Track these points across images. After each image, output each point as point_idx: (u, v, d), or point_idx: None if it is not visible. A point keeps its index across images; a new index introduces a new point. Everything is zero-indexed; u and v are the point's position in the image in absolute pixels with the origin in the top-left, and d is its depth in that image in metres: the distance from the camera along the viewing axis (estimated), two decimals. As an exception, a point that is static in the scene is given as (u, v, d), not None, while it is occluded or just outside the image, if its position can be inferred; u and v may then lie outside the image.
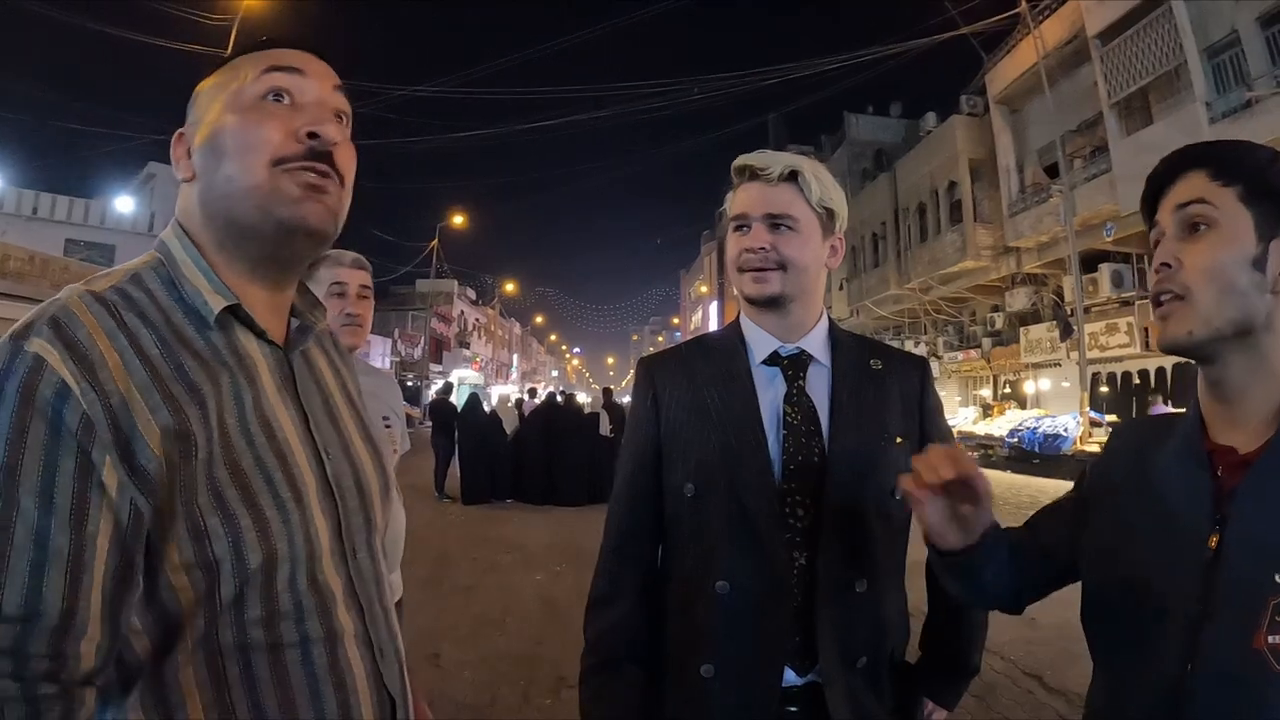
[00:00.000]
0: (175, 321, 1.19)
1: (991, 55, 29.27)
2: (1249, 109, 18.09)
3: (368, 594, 1.32)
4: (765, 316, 1.95)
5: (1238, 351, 1.32)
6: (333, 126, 1.28)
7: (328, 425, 1.36)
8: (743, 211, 1.92)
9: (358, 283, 2.93)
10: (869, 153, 43.42)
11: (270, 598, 1.16)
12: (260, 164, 1.23)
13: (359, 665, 1.26)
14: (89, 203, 38.87)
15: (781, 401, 1.89)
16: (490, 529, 13.73)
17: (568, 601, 8.42)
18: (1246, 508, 1.26)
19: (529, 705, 5.67)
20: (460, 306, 69.86)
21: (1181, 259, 1.34)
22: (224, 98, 1.27)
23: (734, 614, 1.80)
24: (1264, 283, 1.30)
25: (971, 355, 33.49)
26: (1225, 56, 19.46)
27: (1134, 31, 21.23)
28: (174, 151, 1.31)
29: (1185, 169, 1.41)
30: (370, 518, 1.39)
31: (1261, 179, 1.33)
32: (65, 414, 1.02)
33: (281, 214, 1.24)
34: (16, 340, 1.04)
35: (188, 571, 1.10)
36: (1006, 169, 29.10)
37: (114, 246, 37.22)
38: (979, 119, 31.28)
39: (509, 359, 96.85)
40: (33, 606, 0.97)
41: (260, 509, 1.15)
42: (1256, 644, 1.18)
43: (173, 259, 1.26)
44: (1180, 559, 1.31)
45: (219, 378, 1.18)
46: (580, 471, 16.95)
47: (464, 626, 7.53)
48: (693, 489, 1.87)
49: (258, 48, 1.33)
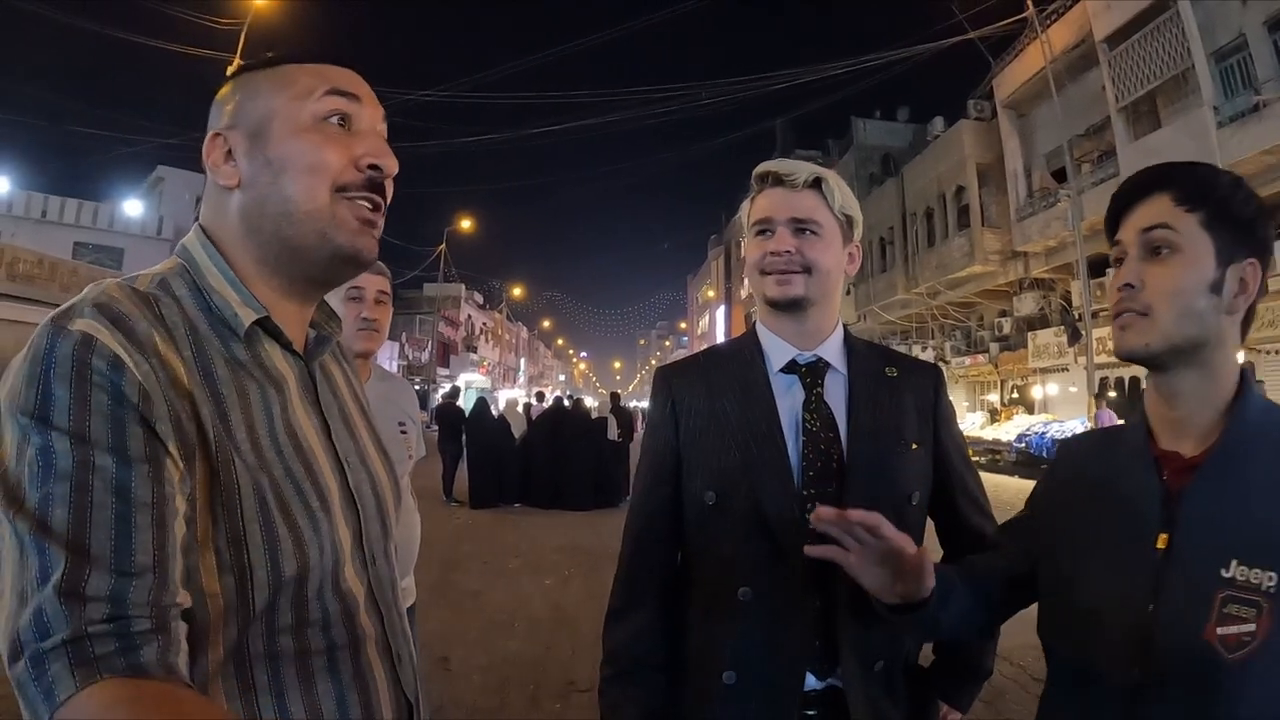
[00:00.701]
0: (202, 330, 1.18)
1: (999, 60, 29.24)
2: (1257, 113, 18.04)
3: (386, 600, 1.34)
4: (785, 321, 1.97)
5: (1189, 365, 1.42)
6: (391, 160, 1.31)
7: (345, 435, 1.37)
8: (767, 216, 1.95)
9: (375, 288, 2.94)
10: (876, 157, 43.41)
11: (301, 605, 1.16)
12: (323, 188, 1.23)
13: (380, 670, 1.28)
14: (97, 206, 39.13)
15: (801, 409, 1.91)
16: (498, 533, 13.75)
17: (576, 606, 8.44)
18: (1193, 509, 1.36)
19: (538, 709, 5.68)
20: (467, 310, 69.94)
21: (1145, 280, 1.43)
22: (281, 109, 1.25)
23: (757, 621, 1.81)
24: (1220, 304, 1.40)
25: (979, 360, 33.44)
26: (1233, 60, 19.42)
27: (1141, 35, 21.20)
28: (212, 154, 1.26)
29: (1150, 191, 1.48)
30: (386, 525, 1.41)
31: (1224, 207, 1.41)
32: (123, 386, 1.00)
33: (340, 242, 1.26)
34: (58, 323, 1.02)
35: (220, 577, 1.08)
36: (1014, 173, 29.06)
37: (122, 250, 37.47)
38: (986, 123, 31.26)
39: (516, 363, 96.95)
40: (123, 553, 0.95)
41: (294, 518, 1.15)
42: (1207, 636, 1.28)
43: (198, 267, 1.25)
44: (1132, 560, 1.41)
45: (248, 388, 1.18)
46: (587, 476, 16.94)
47: (473, 630, 7.53)
48: (714, 496, 1.88)
49: (307, 58, 1.32)
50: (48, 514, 0.93)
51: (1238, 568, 1.29)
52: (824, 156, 49.99)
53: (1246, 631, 1.26)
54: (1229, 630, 1.27)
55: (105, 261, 33.42)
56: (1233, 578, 1.29)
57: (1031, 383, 30.27)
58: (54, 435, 0.96)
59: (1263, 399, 1.44)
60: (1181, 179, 1.46)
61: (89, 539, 0.94)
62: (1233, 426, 1.40)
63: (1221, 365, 1.43)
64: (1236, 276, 1.41)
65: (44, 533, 0.93)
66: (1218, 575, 1.30)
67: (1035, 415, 27.88)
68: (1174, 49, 20.25)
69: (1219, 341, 1.42)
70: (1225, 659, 1.26)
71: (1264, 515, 1.31)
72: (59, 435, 0.96)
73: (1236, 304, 1.42)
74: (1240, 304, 1.42)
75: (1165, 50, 20.53)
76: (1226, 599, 1.28)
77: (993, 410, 31.75)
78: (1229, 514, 1.33)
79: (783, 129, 54.58)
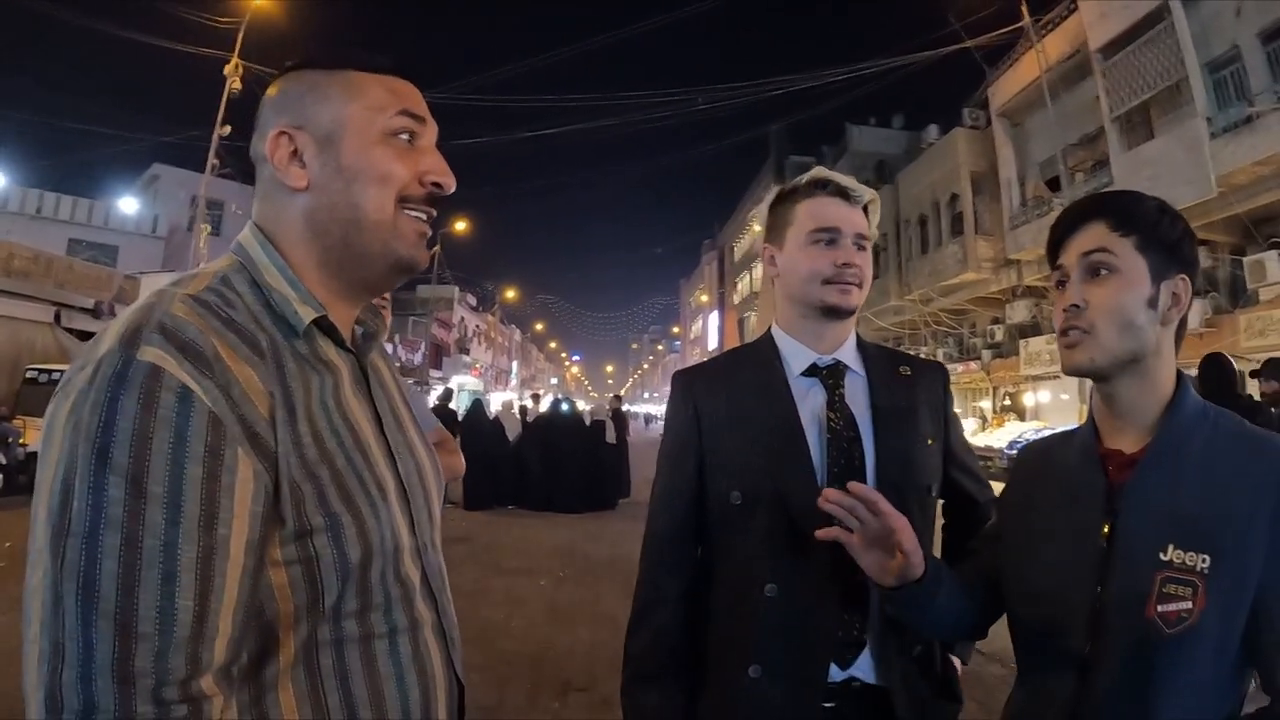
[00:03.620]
0: (265, 326, 1.20)
1: (994, 69, 29.35)
2: (1250, 124, 18.09)
3: (439, 586, 1.39)
4: (817, 326, 2.06)
5: (1130, 373, 1.57)
6: (451, 179, 1.37)
7: (395, 427, 1.41)
8: (835, 226, 2.02)
9: None
10: (871, 164, 43.28)
11: (365, 591, 1.21)
12: (390, 199, 1.29)
13: (437, 653, 1.33)
14: (93, 203, 38.84)
15: (824, 409, 1.99)
16: (493, 534, 13.75)
17: (572, 606, 8.46)
18: (1132, 499, 1.52)
19: (536, 708, 5.72)
20: (461, 312, 69.63)
21: (1089, 300, 1.58)
22: (354, 118, 1.29)
23: (783, 615, 1.87)
24: (1156, 317, 1.56)
25: (971, 367, 33.41)
26: (1227, 72, 19.49)
27: (1136, 46, 21.27)
28: (277, 152, 1.28)
29: (1088, 219, 1.63)
30: (433, 515, 1.46)
31: (1154, 230, 1.58)
32: (191, 418, 1.02)
33: (401, 253, 1.32)
34: (127, 349, 1.03)
35: (288, 567, 1.12)
36: (1008, 182, 29.13)
37: (117, 247, 37.24)
38: (981, 132, 31.32)
39: (508, 366, 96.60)
40: (167, 620, 0.97)
41: (357, 506, 1.19)
42: (1148, 614, 1.42)
43: (255, 265, 1.27)
44: (1081, 547, 1.56)
45: (310, 381, 1.22)
46: (582, 479, 16.94)
47: (469, 630, 7.37)
48: (739, 496, 1.94)
49: (373, 66, 1.35)
50: (96, 572, 0.95)
51: (1174, 551, 1.43)
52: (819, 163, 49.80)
53: (1184, 609, 1.40)
54: (1168, 608, 1.41)
55: (100, 258, 33.13)
56: (1170, 560, 1.43)
57: (1023, 390, 30.27)
58: (111, 477, 0.97)
59: (1198, 400, 1.59)
60: (1115, 207, 1.62)
61: (136, 606, 0.96)
62: (1168, 425, 1.55)
63: (1159, 371, 1.58)
64: (1169, 292, 1.56)
65: (90, 593, 0.95)
66: (1156, 558, 1.45)
67: (1027, 422, 27.91)
68: (1168, 60, 20.31)
69: (1156, 351, 1.57)
70: (1165, 634, 1.41)
71: (1196, 504, 1.45)
72: (116, 478, 0.97)
73: (1170, 316, 1.57)
74: (1174, 315, 1.58)
75: (1159, 61, 20.60)
76: (1165, 580, 1.42)
77: (984, 417, 31.74)
78: (1165, 503, 1.48)
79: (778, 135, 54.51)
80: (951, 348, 35.94)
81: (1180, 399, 1.56)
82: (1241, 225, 19.58)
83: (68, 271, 24.03)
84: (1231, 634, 1.40)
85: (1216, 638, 1.39)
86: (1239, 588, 1.39)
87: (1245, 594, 1.39)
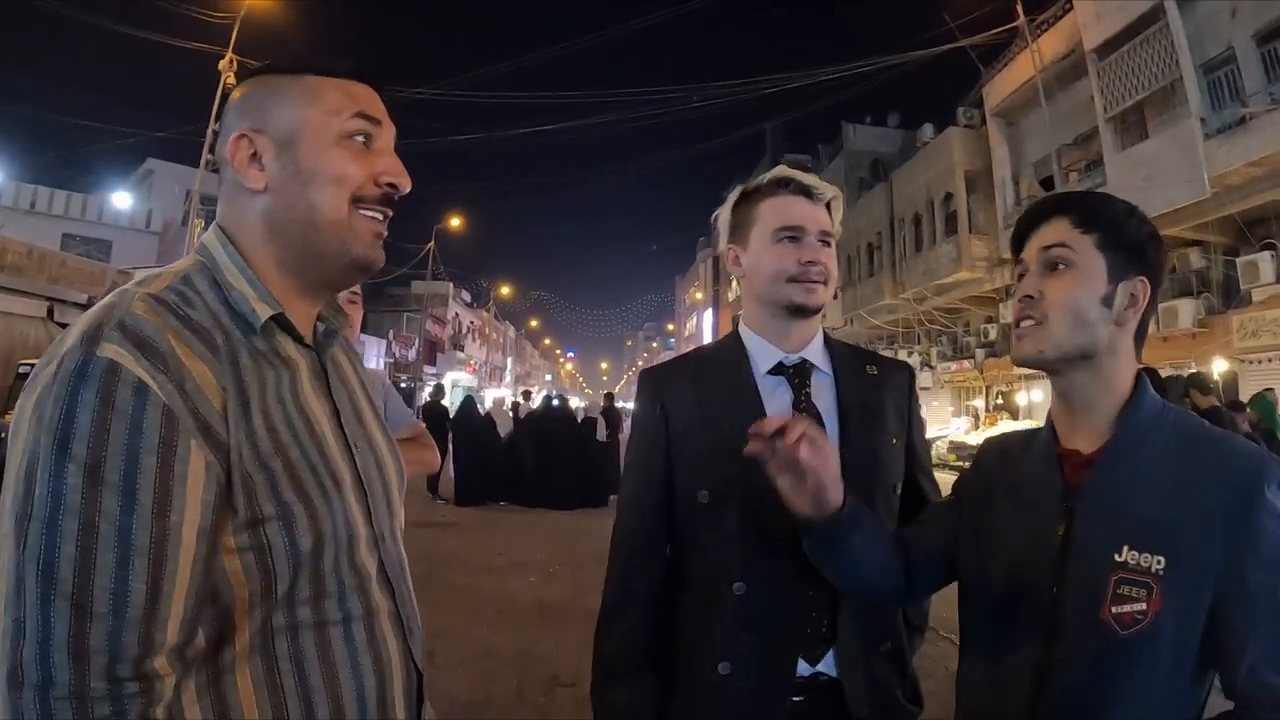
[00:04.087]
0: (224, 323, 1.25)
1: (989, 68, 29.34)
2: (1244, 125, 18.08)
3: (396, 576, 1.42)
4: (784, 324, 2.06)
5: (1082, 370, 1.58)
6: (406, 180, 1.41)
7: (354, 421, 1.45)
8: (799, 224, 2.02)
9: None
10: (866, 163, 43.40)
11: (318, 578, 1.24)
12: (344, 199, 1.33)
13: (393, 641, 1.36)
14: (86, 198, 38.70)
15: (790, 408, 1.99)
16: (484, 530, 13.79)
17: (561, 602, 8.48)
18: (1088, 500, 1.52)
19: (523, 704, 5.73)
20: (455, 309, 69.67)
21: (1044, 292, 1.58)
22: (311, 121, 1.33)
23: (751, 612, 1.88)
24: (1110, 316, 1.55)
25: (965, 366, 33.48)
26: (1221, 73, 19.48)
27: (1131, 47, 21.26)
28: (237, 155, 1.32)
29: (1051, 215, 1.64)
30: (392, 506, 1.49)
31: (1118, 230, 1.58)
32: (146, 411, 1.07)
33: (357, 252, 1.37)
34: (88, 346, 1.08)
35: (241, 554, 1.16)
36: (1002, 181, 29.13)
37: (111, 242, 37.19)
38: (975, 131, 31.31)
39: (503, 362, 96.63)
40: (120, 600, 1.02)
41: (309, 496, 1.23)
42: (1103, 615, 1.43)
43: (216, 265, 1.32)
44: (1037, 547, 1.56)
45: (266, 375, 1.26)
46: (574, 475, 16.95)
47: (458, 625, 7.55)
48: (707, 495, 1.95)
49: (331, 71, 1.39)
50: (55, 554, 1.00)
51: (1129, 552, 1.43)
52: (814, 161, 49.95)
53: (1138, 610, 1.40)
54: (1123, 609, 1.41)
55: (94, 253, 33.12)
56: (1125, 561, 1.43)
57: (1016, 389, 30.34)
58: (70, 466, 1.03)
59: (1158, 402, 1.58)
60: (1080, 205, 1.63)
61: (92, 587, 1.01)
62: (1125, 426, 1.55)
63: (1114, 372, 1.57)
64: (1127, 292, 1.56)
65: (49, 575, 1.00)
66: (1111, 560, 1.45)
67: (1020, 421, 27.91)
68: (1163, 60, 20.31)
69: (1110, 350, 1.56)
70: (1120, 635, 1.41)
71: (1152, 505, 1.45)
72: (75, 467, 1.03)
73: (1126, 316, 1.56)
74: (1129, 317, 1.57)
75: (1154, 62, 20.61)
76: (1119, 580, 1.43)
77: (977, 416, 31.82)
78: (1121, 504, 1.48)
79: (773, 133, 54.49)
80: (945, 346, 36.00)
81: (1138, 399, 1.56)
82: (1235, 226, 19.59)
83: (61, 267, 24.00)
84: (1189, 637, 1.40)
85: (1173, 640, 1.39)
86: (1195, 590, 1.39)
87: (1202, 596, 1.39)
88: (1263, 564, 1.36)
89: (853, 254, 39.39)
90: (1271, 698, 1.34)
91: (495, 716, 5.44)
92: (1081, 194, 1.68)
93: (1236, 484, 1.41)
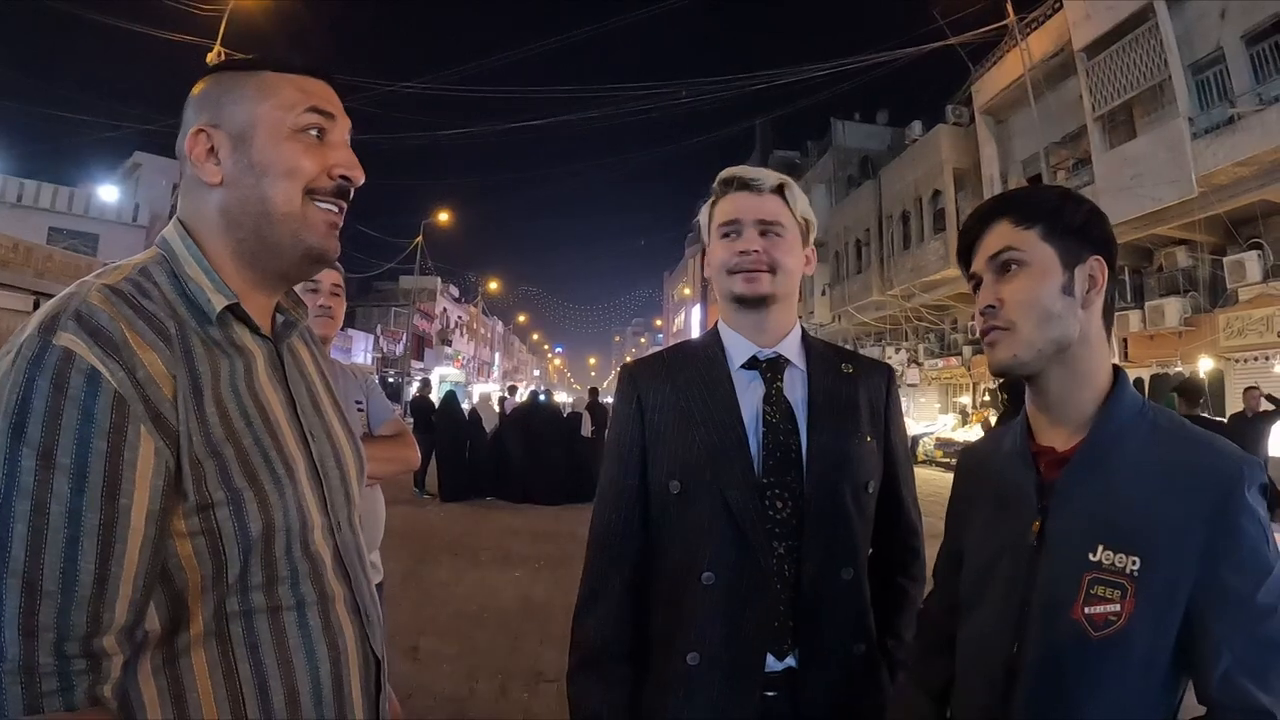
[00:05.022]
0: (180, 314, 1.28)
1: (978, 66, 29.42)
2: (1231, 125, 18.17)
3: (352, 563, 1.45)
4: (746, 318, 2.07)
5: (1056, 365, 1.54)
6: (359, 172, 1.45)
7: (311, 410, 1.49)
8: (735, 217, 2.04)
9: (330, 281, 3.15)
10: (855, 159, 43.50)
11: (270, 564, 1.27)
12: (297, 191, 1.36)
13: (349, 627, 1.39)
14: (73, 191, 38.59)
15: (761, 402, 2.00)
16: (469, 526, 13.78)
17: (546, 598, 8.48)
18: (1063, 498, 1.49)
19: (506, 699, 5.71)
20: (443, 304, 69.79)
21: (1003, 298, 1.55)
22: (265, 116, 1.36)
23: (719, 603, 1.88)
24: (1074, 303, 1.53)
25: (952, 363, 33.62)
26: (1210, 73, 19.56)
27: (1120, 46, 21.34)
28: (195, 149, 1.36)
29: (991, 220, 1.63)
30: (350, 495, 1.52)
31: (1057, 217, 1.56)
32: (98, 397, 1.11)
33: (311, 243, 1.40)
34: (45, 334, 1.12)
35: (192, 538, 1.20)
36: (990, 179, 29.20)
37: (98, 236, 37.07)
38: (964, 129, 31.42)
39: (491, 357, 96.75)
40: (69, 579, 1.06)
41: (260, 483, 1.26)
42: (1075, 615, 1.40)
43: (175, 257, 1.36)
44: (1012, 546, 1.55)
45: (220, 364, 1.29)
46: (560, 471, 16.94)
47: (442, 620, 7.56)
48: (678, 486, 1.96)
49: (287, 67, 1.42)
50: (8, 534, 1.04)
51: (1104, 552, 1.40)
52: (803, 157, 50.13)
53: (1112, 611, 1.37)
54: (1095, 609, 1.38)
55: (80, 247, 33.03)
56: (1099, 561, 1.40)
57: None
58: (24, 449, 1.06)
59: (1138, 399, 1.54)
60: (1014, 203, 1.62)
61: (42, 566, 1.05)
62: (1102, 423, 1.51)
63: (1088, 361, 1.55)
64: (1085, 275, 1.54)
65: (2, 554, 1.04)
66: (1085, 559, 1.42)
67: (1007, 418, 28.00)
68: (1152, 60, 20.39)
69: (1083, 339, 1.53)
70: (1092, 636, 1.38)
71: (1128, 504, 1.42)
72: (29, 450, 1.06)
73: (1090, 299, 1.54)
74: (1094, 299, 1.54)
75: (1143, 61, 20.68)
76: (1093, 580, 1.40)
77: (964, 412, 31.91)
78: (1096, 503, 1.45)
79: (762, 129, 54.60)
80: (932, 343, 36.14)
81: (1118, 395, 1.53)
82: (1222, 225, 19.66)
83: (47, 261, 23.97)
84: (1163, 640, 1.36)
85: (1147, 643, 1.36)
86: (1170, 592, 1.35)
87: (1177, 599, 1.35)
88: (1240, 568, 1.33)
89: (841, 251, 39.54)
90: (1245, 704, 1.30)
91: (479, 712, 5.41)
92: (1011, 193, 1.67)
93: (1216, 486, 1.37)
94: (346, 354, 42.69)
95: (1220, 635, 1.33)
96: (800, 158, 50.93)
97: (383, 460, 3.13)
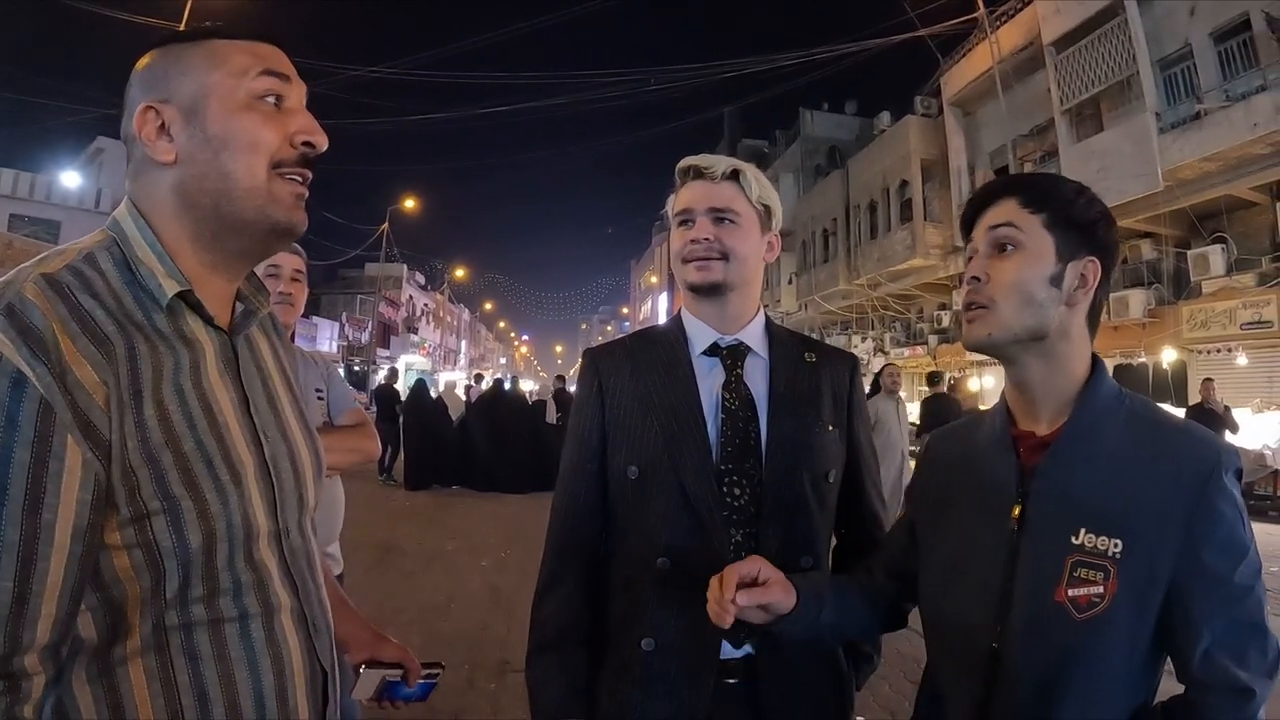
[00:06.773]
0: (126, 304, 1.21)
1: (948, 58, 29.53)
2: (1198, 121, 18.36)
3: (300, 571, 1.40)
4: (706, 306, 2.08)
5: (1033, 354, 1.57)
6: (322, 137, 1.37)
7: (266, 408, 1.41)
8: (688, 206, 2.05)
9: (292, 266, 3.09)
10: (823, 149, 43.62)
11: (211, 575, 1.22)
12: (261, 166, 1.29)
13: (294, 639, 1.34)
14: (34, 177, 37.70)
15: (720, 389, 2.01)
16: (435, 515, 13.75)
17: (513, 586, 8.46)
18: (1044, 482, 1.52)
19: (473, 689, 5.70)
20: (409, 291, 69.54)
21: (990, 274, 1.57)
22: (216, 85, 1.29)
23: (674, 589, 1.89)
24: (1060, 297, 1.54)
25: (918, 352, 33.76)
26: (1177, 69, 19.75)
27: (1088, 41, 21.49)
28: (145, 128, 1.28)
29: (1000, 195, 1.63)
30: (304, 498, 1.46)
31: (1066, 210, 1.57)
32: (23, 403, 1.04)
33: (278, 217, 1.32)
34: None
35: (128, 551, 1.15)
36: (958, 170, 29.37)
37: (59, 223, 36.33)
38: (932, 120, 31.56)
39: (457, 345, 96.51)
40: None
41: (200, 490, 1.19)
42: (1058, 597, 1.42)
43: (126, 240, 1.28)
44: (992, 530, 1.56)
45: (164, 361, 1.21)
46: (526, 459, 16.89)
47: (409, 611, 7.53)
48: (636, 471, 1.97)
49: (235, 34, 1.35)
50: None
51: (1086, 535, 1.43)
52: (771, 146, 50.20)
53: (1095, 594, 1.40)
54: (1079, 592, 1.41)
55: (41, 235, 32.48)
56: (1081, 544, 1.43)
57: (969, 375, 30.61)
58: None
59: (1114, 386, 1.58)
60: (1029, 185, 1.62)
61: None
62: (1081, 409, 1.54)
63: (1067, 354, 1.57)
64: (1076, 272, 1.55)
65: None
66: (1067, 542, 1.45)
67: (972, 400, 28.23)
68: (1120, 55, 20.55)
69: (1061, 332, 1.55)
70: (1075, 618, 1.41)
71: (1109, 488, 1.45)
72: None
73: (1076, 297, 1.55)
74: (1080, 298, 1.56)
75: (1111, 56, 20.84)
76: (1076, 563, 1.43)
77: (929, 403, 32.08)
78: (1077, 487, 1.48)
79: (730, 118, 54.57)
80: (899, 333, 36.30)
81: (1095, 383, 1.56)
82: (1187, 219, 19.93)
83: (7, 248, 23.68)
84: (1144, 621, 1.40)
85: (1129, 624, 1.39)
86: (1151, 573, 1.39)
87: (1158, 580, 1.39)
88: (1219, 549, 1.37)
89: (808, 239, 39.68)
90: (1225, 682, 1.35)
91: (445, 704, 5.35)
92: (1031, 175, 1.68)
93: (1194, 469, 1.41)
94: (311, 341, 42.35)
95: (1200, 615, 1.37)
96: (768, 146, 51.01)
97: (342, 450, 3.09)
